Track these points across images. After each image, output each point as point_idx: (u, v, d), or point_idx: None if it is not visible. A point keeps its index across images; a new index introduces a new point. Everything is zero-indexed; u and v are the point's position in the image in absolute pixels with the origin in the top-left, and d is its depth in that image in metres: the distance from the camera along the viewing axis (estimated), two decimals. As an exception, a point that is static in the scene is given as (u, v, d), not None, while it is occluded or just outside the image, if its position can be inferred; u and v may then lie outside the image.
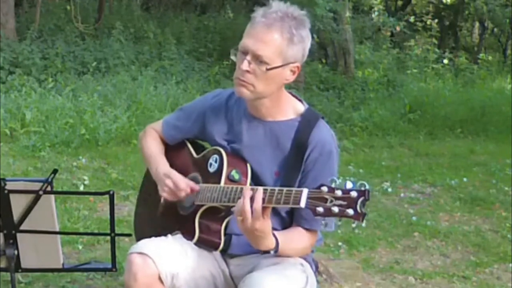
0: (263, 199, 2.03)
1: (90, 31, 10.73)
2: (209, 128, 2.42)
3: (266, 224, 2.06)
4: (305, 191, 1.96)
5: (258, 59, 2.17)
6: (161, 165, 2.44)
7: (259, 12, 2.20)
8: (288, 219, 2.31)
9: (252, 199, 2.03)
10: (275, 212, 2.25)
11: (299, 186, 2.23)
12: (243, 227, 2.06)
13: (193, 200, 2.34)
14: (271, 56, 2.17)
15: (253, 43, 2.17)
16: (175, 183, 2.33)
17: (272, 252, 2.14)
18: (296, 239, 2.25)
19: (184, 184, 2.32)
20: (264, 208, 2.03)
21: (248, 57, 2.18)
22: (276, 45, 2.17)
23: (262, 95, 2.25)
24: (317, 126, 2.29)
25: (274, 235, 2.13)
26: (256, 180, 2.29)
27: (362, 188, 1.88)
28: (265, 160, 2.31)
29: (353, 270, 3.99)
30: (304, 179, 2.25)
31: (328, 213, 1.90)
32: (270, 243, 2.12)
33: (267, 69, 2.18)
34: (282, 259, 2.26)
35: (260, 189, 2.05)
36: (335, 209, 1.89)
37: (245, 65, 2.18)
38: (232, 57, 2.25)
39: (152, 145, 2.54)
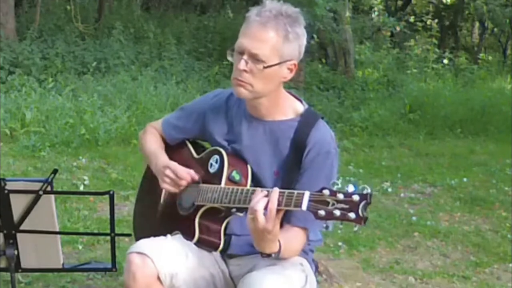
0: None
1: (90, 31, 10.73)
2: (209, 128, 2.42)
3: (278, 226, 2.04)
4: (306, 194, 1.95)
5: (254, 58, 2.17)
6: (160, 159, 2.44)
7: (253, 11, 2.20)
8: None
9: (267, 199, 2.01)
10: None
11: (295, 185, 2.23)
12: (254, 227, 2.02)
13: (193, 201, 2.34)
14: (267, 55, 2.17)
15: (249, 42, 2.17)
16: (175, 172, 2.34)
17: (273, 255, 2.11)
18: (294, 240, 2.22)
19: (184, 172, 2.34)
20: (277, 211, 2.00)
21: (245, 57, 2.18)
22: (272, 43, 2.17)
23: (260, 94, 2.25)
24: (316, 126, 2.28)
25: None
26: (256, 180, 2.29)
27: (364, 192, 1.87)
28: (265, 160, 2.30)
29: (353, 270, 3.99)
30: (299, 178, 2.24)
31: (329, 216, 1.90)
32: (274, 247, 2.10)
33: (264, 67, 2.17)
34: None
35: (276, 190, 2.03)
36: (337, 213, 1.88)
37: (242, 65, 2.18)
38: (229, 58, 2.25)
39: (152, 142, 2.54)
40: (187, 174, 2.34)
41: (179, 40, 11.27)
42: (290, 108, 2.34)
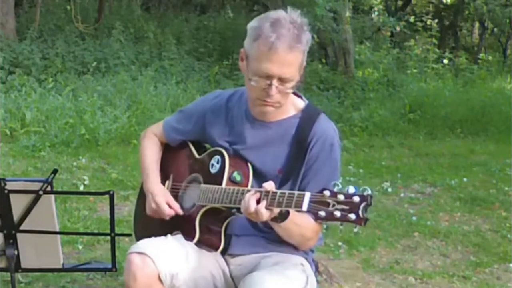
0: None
1: (90, 31, 10.73)
2: (210, 130, 2.43)
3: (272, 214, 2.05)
4: (307, 195, 1.95)
5: (283, 80, 2.19)
6: (150, 181, 2.47)
7: (266, 30, 2.15)
8: None
9: (258, 201, 2.03)
10: None
11: (301, 180, 2.24)
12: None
13: (194, 201, 2.34)
14: (295, 74, 2.20)
15: (278, 68, 2.16)
16: (158, 206, 2.38)
17: (278, 220, 2.10)
18: (306, 224, 2.18)
19: (167, 209, 2.37)
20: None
21: (275, 82, 2.18)
22: (298, 62, 2.19)
23: (282, 105, 2.28)
24: (318, 120, 2.31)
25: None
26: (260, 180, 2.27)
27: (365, 193, 1.88)
28: (268, 160, 2.31)
29: (353, 270, 3.99)
30: (306, 172, 2.25)
31: (330, 217, 1.90)
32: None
33: (294, 86, 2.21)
34: (282, 259, 2.27)
35: (263, 188, 2.04)
36: (337, 214, 1.89)
37: (274, 91, 2.19)
38: (253, 83, 2.20)
39: (148, 155, 2.55)
40: (169, 211, 2.37)
41: (179, 40, 11.27)
42: (292, 105, 2.35)
